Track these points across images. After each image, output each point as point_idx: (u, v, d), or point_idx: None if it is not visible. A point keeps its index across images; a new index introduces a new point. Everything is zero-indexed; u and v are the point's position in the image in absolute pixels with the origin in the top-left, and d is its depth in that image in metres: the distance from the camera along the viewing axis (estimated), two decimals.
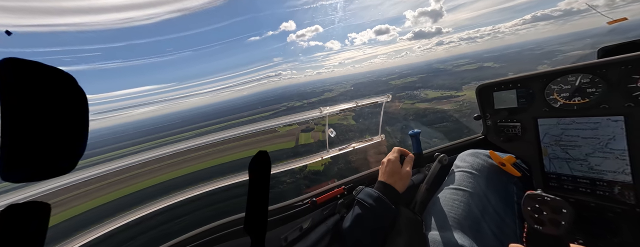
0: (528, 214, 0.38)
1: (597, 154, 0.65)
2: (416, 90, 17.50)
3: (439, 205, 0.72)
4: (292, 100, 13.50)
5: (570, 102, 0.69)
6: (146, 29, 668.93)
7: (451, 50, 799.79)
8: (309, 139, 4.00)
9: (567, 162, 0.72)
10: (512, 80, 0.83)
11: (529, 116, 0.79)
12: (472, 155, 0.84)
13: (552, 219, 0.36)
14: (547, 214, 0.37)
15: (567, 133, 0.70)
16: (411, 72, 37.36)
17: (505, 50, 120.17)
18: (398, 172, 0.79)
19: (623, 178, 0.62)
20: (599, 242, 0.66)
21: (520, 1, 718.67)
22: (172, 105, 51.35)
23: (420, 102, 11.33)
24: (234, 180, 0.97)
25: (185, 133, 11.16)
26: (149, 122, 28.62)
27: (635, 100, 0.59)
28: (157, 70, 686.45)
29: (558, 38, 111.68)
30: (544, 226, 0.37)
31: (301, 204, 0.80)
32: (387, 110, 1.25)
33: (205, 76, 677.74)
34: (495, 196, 0.71)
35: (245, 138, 1.03)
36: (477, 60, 68.96)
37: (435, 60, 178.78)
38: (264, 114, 16.85)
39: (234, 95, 55.72)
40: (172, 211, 0.91)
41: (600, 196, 0.66)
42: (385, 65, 59.63)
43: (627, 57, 0.60)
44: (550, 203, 0.38)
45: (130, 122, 49.03)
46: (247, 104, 23.87)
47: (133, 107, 49.26)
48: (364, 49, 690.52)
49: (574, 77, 0.68)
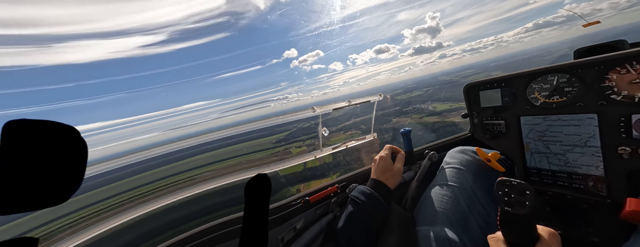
0: (499, 197, 0.42)
1: (576, 150, 0.69)
2: (423, 104, 17.55)
3: (429, 201, 0.75)
4: (301, 122, 13.81)
5: (549, 100, 0.73)
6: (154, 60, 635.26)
7: (455, 62, 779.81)
8: (316, 162, 3.96)
9: (546, 157, 0.76)
10: (497, 79, 0.87)
11: (513, 114, 0.83)
12: (460, 152, 0.87)
13: (519, 201, 0.40)
14: (515, 196, 0.41)
15: (552, 129, 0.74)
16: (416, 85, 37.72)
17: (511, 58, 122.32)
18: (390, 170, 0.80)
19: (596, 172, 0.66)
20: (575, 232, 0.70)
21: (519, 11, 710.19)
22: (178, 131, 50.64)
23: (428, 116, 11.27)
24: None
25: (195, 157, 11.12)
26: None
27: (607, 99, 0.63)
28: (159, 97, 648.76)
29: (569, 42, 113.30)
30: (513, 207, 0.40)
31: (294, 203, 0.80)
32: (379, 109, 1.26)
33: (208, 100, 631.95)
34: (481, 190, 0.74)
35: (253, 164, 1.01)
36: (484, 70, 69.68)
37: (440, 73, 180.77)
38: (275, 136, 16.57)
39: (241, 117, 54.41)
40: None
41: (576, 189, 0.70)
42: (389, 81, 59.78)
43: (599, 58, 0.63)
44: (517, 186, 0.41)
45: (143, 145, 48.37)
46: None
47: (142, 132, 46.59)
48: (366, 67, 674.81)
49: (552, 77, 0.72)
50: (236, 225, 0.69)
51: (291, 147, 35.94)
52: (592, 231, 0.67)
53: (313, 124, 1.15)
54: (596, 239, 0.66)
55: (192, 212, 9.56)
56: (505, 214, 0.41)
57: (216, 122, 46.49)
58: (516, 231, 0.41)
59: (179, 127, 47.79)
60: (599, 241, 0.66)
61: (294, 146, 34.93)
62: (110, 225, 0.78)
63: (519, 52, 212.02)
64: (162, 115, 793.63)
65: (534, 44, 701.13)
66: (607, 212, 0.64)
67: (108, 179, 20.57)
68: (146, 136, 45.32)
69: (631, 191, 0.60)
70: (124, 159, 0.82)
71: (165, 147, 0.91)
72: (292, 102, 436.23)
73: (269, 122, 1.06)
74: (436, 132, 13.34)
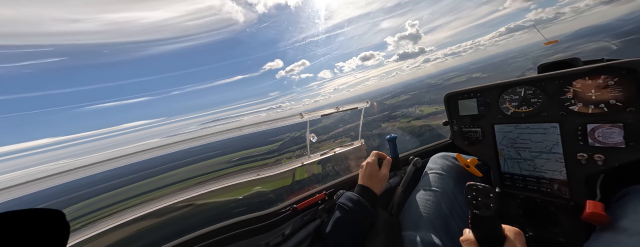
0: (469, 201, 0.45)
1: (543, 156, 0.75)
2: (411, 108, 17.88)
3: (413, 206, 0.77)
4: (293, 131, 13.18)
5: (518, 110, 0.80)
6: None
7: (439, 66, 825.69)
8: (304, 174, 3.90)
9: (518, 163, 0.82)
10: (473, 90, 0.93)
11: (488, 122, 0.89)
12: (442, 158, 0.91)
13: (485, 203, 0.43)
14: (481, 199, 0.43)
15: (522, 137, 0.79)
16: (404, 90, 38.62)
17: (490, 60, 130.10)
18: (376, 175, 0.82)
19: (560, 176, 0.72)
20: (543, 233, 0.75)
21: (491, 17, 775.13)
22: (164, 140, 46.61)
23: (415, 120, 11.37)
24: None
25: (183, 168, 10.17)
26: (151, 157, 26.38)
27: (566, 110, 0.70)
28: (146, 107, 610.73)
29: (540, 44, 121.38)
30: (480, 210, 0.43)
31: (282, 211, 0.79)
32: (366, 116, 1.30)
33: (195, 111, 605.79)
34: (461, 195, 0.78)
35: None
36: (466, 72, 73.33)
37: (426, 76, 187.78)
38: (267, 147, 15.93)
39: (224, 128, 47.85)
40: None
41: (544, 192, 0.75)
42: (378, 86, 60.45)
43: (559, 73, 0.71)
44: (482, 190, 0.44)
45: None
46: (247, 136, 22.74)
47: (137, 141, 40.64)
48: (354, 74, 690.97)
49: (521, 89, 0.79)
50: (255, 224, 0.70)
51: (282, 159, 35.11)
52: (558, 232, 0.72)
53: (303, 133, 1.14)
54: (562, 239, 0.71)
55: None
56: (474, 216, 0.44)
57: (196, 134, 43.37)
58: (485, 232, 0.44)
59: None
60: (564, 241, 0.71)
61: (285, 157, 34.03)
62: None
63: (496, 55, 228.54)
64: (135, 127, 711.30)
65: (509, 47, 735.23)
66: (570, 213, 0.70)
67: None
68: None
69: (589, 194, 0.66)
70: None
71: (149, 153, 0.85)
72: (286, 110, 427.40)
73: (256, 128, 1.04)
74: (422, 137, 13.69)
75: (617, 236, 0.51)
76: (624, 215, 0.53)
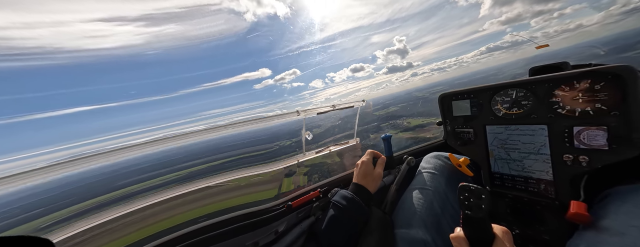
0: (461, 202, 0.46)
1: (531, 157, 0.77)
2: (399, 120, 18.04)
3: (406, 204, 0.78)
4: (283, 140, 12.99)
5: (510, 112, 0.82)
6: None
7: (426, 80, 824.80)
8: (290, 186, 3.77)
9: (507, 163, 0.84)
10: (467, 91, 0.95)
11: (480, 123, 0.91)
12: (435, 157, 0.93)
13: (476, 204, 0.44)
14: (473, 200, 0.44)
15: (512, 138, 0.82)
16: (393, 101, 38.90)
17: (473, 76, 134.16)
18: (371, 174, 0.83)
19: (546, 177, 0.75)
20: (530, 231, 0.78)
21: (473, 37, 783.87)
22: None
23: (403, 132, 11.42)
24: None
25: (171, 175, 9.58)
26: (142, 160, 24.18)
27: (554, 112, 0.72)
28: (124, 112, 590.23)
29: (515, 63, 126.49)
30: (472, 211, 0.44)
31: (277, 208, 0.79)
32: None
33: (172, 119, 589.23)
34: (453, 194, 0.80)
35: (222, 186, 0.95)
36: (451, 86, 75.55)
37: (414, 89, 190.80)
38: (257, 153, 15.73)
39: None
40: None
41: (531, 192, 0.78)
42: (369, 97, 63.06)
43: (549, 77, 0.73)
44: (475, 191, 0.45)
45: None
46: (236, 141, 21.76)
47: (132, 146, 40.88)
48: (345, 84, 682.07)
49: (512, 91, 0.81)
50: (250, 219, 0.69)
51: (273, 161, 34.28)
52: (544, 230, 0.75)
53: (294, 142, 1.14)
54: (547, 236, 0.74)
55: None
56: (466, 216, 0.45)
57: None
58: (475, 231, 0.45)
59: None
60: (549, 238, 0.74)
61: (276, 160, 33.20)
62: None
63: (478, 71, 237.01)
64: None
65: (490, 64, 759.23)
66: (556, 212, 0.72)
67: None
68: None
69: (573, 194, 0.69)
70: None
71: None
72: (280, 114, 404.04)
73: (249, 126, 1.03)
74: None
75: (600, 235, 0.53)
76: (606, 215, 0.56)
